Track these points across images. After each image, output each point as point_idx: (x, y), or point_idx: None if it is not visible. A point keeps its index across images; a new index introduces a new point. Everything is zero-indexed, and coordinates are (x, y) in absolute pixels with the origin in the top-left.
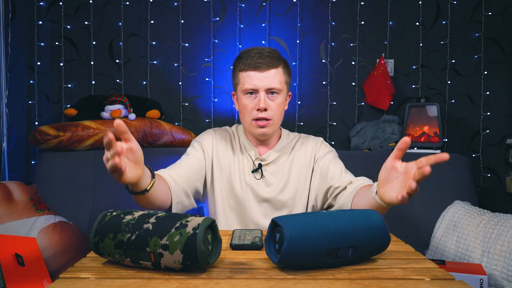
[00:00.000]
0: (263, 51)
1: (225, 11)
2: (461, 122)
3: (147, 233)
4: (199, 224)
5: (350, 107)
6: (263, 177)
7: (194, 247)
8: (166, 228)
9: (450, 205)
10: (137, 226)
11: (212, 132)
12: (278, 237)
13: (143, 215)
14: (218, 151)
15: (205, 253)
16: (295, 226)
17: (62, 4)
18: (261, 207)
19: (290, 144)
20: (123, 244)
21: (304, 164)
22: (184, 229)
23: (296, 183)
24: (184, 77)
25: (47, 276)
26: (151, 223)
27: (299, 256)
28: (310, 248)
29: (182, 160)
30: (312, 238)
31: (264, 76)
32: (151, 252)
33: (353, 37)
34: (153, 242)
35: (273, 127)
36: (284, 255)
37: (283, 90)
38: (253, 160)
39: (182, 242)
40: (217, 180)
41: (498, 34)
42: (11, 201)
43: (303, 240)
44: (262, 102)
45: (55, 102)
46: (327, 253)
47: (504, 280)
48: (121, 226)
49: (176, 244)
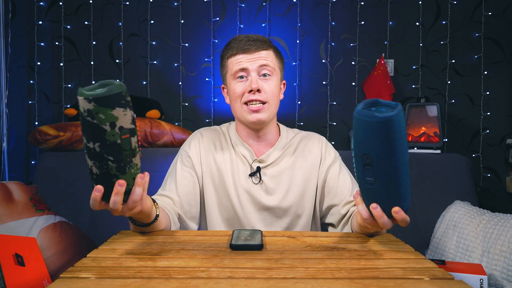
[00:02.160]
0: (251, 35)
1: (225, 11)
2: (461, 122)
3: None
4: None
5: (350, 107)
6: (261, 182)
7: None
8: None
9: (450, 205)
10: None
11: (198, 136)
12: (384, 110)
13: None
14: (207, 158)
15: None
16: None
17: (62, 4)
18: (261, 215)
19: (292, 143)
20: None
21: (309, 167)
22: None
23: (300, 189)
24: (184, 77)
25: (47, 276)
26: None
27: (398, 132)
28: (404, 145)
29: (171, 183)
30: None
31: (253, 57)
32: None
33: (353, 37)
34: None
35: (269, 111)
36: (397, 115)
37: (276, 72)
38: (250, 162)
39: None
40: (208, 192)
41: (498, 34)
42: (11, 201)
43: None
44: (254, 82)
45: (55, 102)
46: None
47: (504, 280)
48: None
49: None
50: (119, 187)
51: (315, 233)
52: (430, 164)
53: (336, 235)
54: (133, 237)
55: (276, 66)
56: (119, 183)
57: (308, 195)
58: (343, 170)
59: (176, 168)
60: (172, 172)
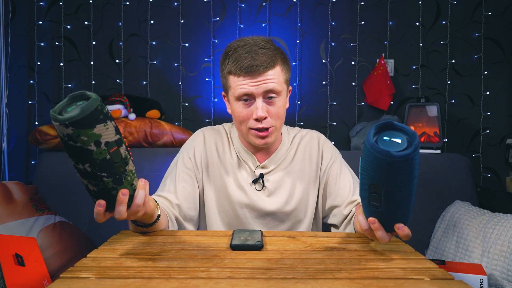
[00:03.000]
0: (255, 47)
1: (225, 11)
2: (461, 122)
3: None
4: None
5: (350, 107)
6: (264, 188)
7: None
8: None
9: (450, 205)
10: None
11: (201, 137)
12: (399, 139)
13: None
14: (209, 161)
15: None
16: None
17: (62, 4)
18: (264, 221)
19: (293, 146)
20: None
21: (310, 169)
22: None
23: (302, 191)
24: (184, 77)
25: (47, 276)
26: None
27: (409, 169)
28: (413, 176)
29: (171, 185)
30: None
31: (259, 81)
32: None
33: (353, 37)
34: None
35: (275, 133)
36: (413, 152)
37: (283, 90)
38: (253, 169)
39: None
40: (209, 195)
41: (498, 34)
42: (11, 201)
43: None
44: (260, 111)
45: (55, 102)
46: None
47: (504, 280)
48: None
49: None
50: (122, 196)
51: (315, 233)
52: (430, 164)
53: (336, 235)
54: (133, 237)
55: (284, 81)
56: (122, 192)
57: (310, 198)
58: (343, 169)
59: (176, 169)
60: (172, 173)
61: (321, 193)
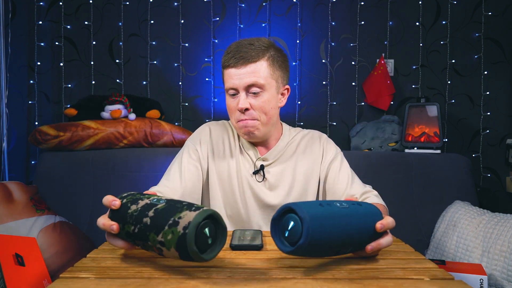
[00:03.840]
0: (243, 42)
1: (225, 11)
2: (461, 122)
3: (146, 228)
4: (190, 223)
5: (350, 107)
6: (265, 180)
7: (186, 247)
8: (161, 224)
9: (450, 205)
10: (138, 220)
11: (207, 130)
12: (292, 225)
13: (145, 206)
14: (215, 154)
15: (197, 253)
16: (315, 221)
17: (62, 4)
18: (264, 212)
19: (294, 141)
20: (130, 235)
21: (311, 165)
22: (176, 228)
23: (303, 186)
24: (184, 77)
25: (47, 276)
26: (149, 217)
27: (311, 251)
28: (324, 245)
29: (176, 173)
30: (328, 236)
31: (241, 73)
32: (152, 245)
33: (353, 37)
34: (152, 237)
35: (261, 127)
36: (299, 250)
37: (268, 85)
38: (254, 160)
39: (174, 241)
40: (214, 188)
41: (498, 34)
42: (11, 201)
43: (321, 236)
44: (242, 102)
45: (55, 102)
46: (337, 250)
47: (504, 280)
48: (127, 217)
49: (170, 242)
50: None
51: None
52: (430, 164)
53: None
54: None
55: (270, 78)
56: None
57: (310, 193)
58: (343, 166)
59: (182, 158)
60: (177, 161)
61: (321, 189)
